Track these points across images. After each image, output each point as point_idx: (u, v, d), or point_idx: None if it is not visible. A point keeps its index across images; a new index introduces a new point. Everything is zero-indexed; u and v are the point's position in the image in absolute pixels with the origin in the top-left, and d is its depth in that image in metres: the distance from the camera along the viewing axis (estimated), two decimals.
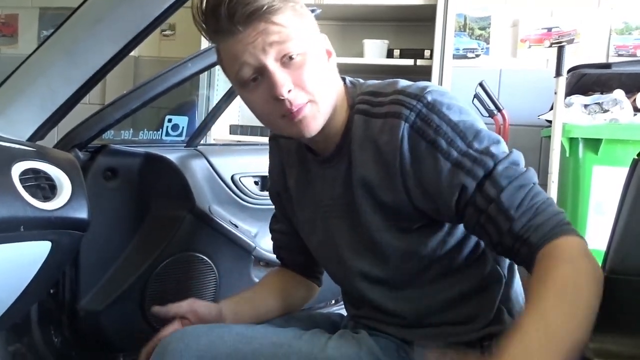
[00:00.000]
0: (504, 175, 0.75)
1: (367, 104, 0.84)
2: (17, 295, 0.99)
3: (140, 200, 1.35)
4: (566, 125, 1.95)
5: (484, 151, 0.76)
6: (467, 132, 0.77)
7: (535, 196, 0.75)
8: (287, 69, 0.77)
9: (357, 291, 0.92)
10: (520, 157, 0.80)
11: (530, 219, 0.73)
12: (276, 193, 1.04)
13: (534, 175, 0.78)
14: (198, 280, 1.39)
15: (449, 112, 0.78)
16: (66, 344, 1.31)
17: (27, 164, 0.93)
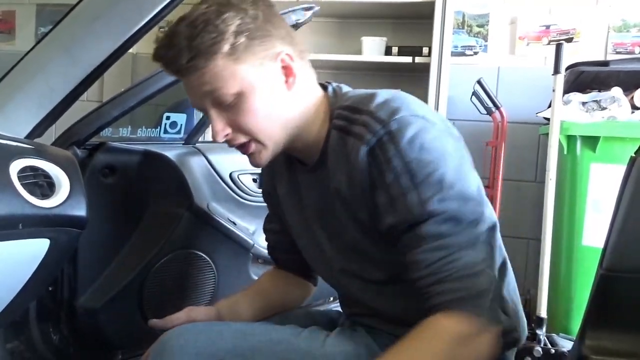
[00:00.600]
0: (429, 233, 0.75)
1: (344, 119, 0.83)
2: (16, 292, 0.99)
3: (139, 197, 1.35)
4: (564, 123, 1.95)
5: (423, 200, 0.75)
6: (417, 173, 0.75)
7: (452, 262, 0.74)
8: (225, 112, 0.80)
9: (346, 290, 0.94)
10: (473, 212, 0.76)
11: (433, 283, 0.75)
12: (267, 193, 1.06)
13: (468, 239, 0.75)
14: (196, 278, 1.39)
15: (408, 146, 0.75)
16: (64, 342, 1.31)
17: (26, 161, 0.93)
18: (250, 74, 0.79)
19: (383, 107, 0.79)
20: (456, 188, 0.76)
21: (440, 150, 0.77)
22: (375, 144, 0.77)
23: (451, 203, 0.75)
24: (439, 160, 0.76)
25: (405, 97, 0.81)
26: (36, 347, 1.27)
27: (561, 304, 2.01)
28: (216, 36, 0.76)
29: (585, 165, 1.98)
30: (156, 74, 1.26)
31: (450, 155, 0.78)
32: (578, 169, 1.99)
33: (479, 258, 0.76)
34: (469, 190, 0.78)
